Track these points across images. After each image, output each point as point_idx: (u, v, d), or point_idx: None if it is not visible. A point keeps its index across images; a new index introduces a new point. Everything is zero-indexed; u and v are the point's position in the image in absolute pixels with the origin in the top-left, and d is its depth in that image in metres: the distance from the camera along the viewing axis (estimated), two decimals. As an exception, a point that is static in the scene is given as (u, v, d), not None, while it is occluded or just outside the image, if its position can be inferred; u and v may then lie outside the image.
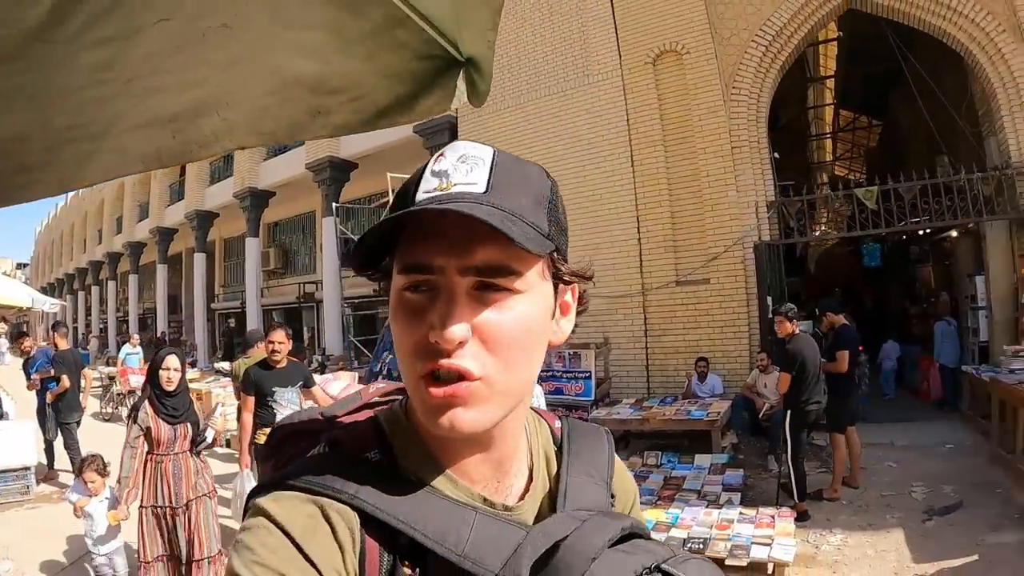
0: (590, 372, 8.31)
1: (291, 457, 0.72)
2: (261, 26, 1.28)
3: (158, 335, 21.04)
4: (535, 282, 0.64)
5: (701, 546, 4.85)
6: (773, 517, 5.24)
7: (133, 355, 12.56)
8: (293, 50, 1.37)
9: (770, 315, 7.48)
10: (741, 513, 5.42)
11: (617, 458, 0.85)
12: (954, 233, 9.48)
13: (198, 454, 4.36)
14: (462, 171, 0.63)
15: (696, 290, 8.60)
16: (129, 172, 1.52)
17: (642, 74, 9.24)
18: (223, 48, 1.31)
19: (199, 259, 19.20)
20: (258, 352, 6.51)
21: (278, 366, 5.01)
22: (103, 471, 4.31)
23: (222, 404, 5.42)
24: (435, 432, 0.64)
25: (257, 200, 15.98)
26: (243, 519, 0.64)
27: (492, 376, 0.62)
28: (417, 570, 0.62)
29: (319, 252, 15.22)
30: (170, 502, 4.12)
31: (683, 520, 5.30)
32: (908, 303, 11.71)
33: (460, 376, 0.60)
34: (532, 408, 0.81)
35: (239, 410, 5.43)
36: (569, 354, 8.47)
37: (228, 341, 19.85)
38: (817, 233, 9.54)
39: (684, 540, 4.94)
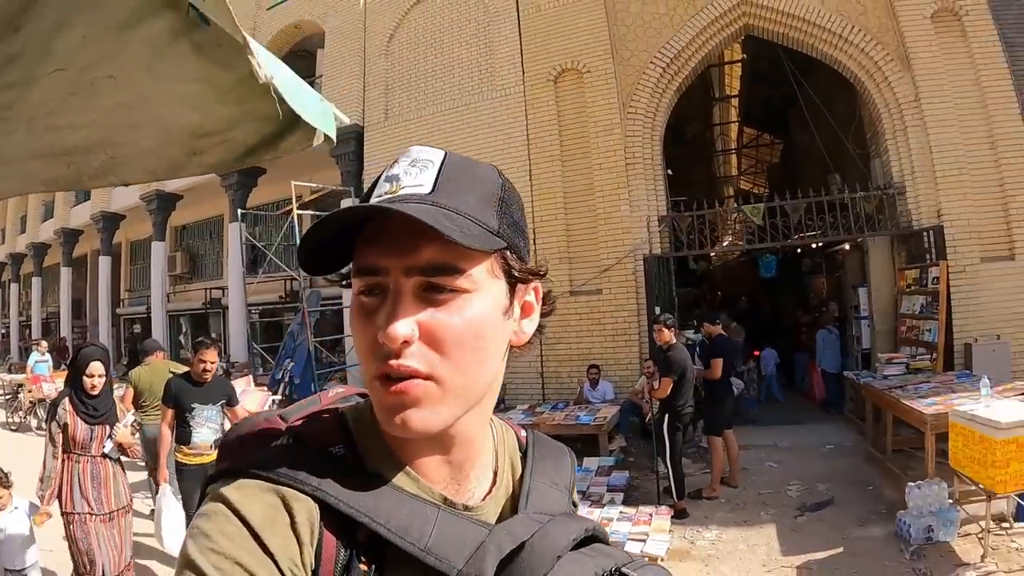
0: None
1: (250, 453, 0.71)
2: (143, 79, 1.45)
3: (61, 341, 20.12)
4: (484, 281, 0.65)
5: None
6: (651, 515, 5.58)
7: (42, 363, 12.07)
8: (174, 99, 1.55)
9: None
10: (621, 512, 5.75)
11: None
12: (847, 247, 10.08)
13: (117, 460, 4.23)
14: (412, 174, 0.65)
15: (589, 300, 8.92)
16: (33, 191, 1.84)
17: (544, 91, 9.56)
18: (110, 96, 1.49)
19: (104, 262, 18.47)
20: (156, 362, 6.49)
21: (204, 382, 4.88)
22: (6, 482, 4.08)
23: (132, 411, 5.35)
24: (389, 432, 0.65)
25: (164, 203, 15.55)
26: (198, 505, 0.64)
27: (443, 376, 0.63)
28: (373, 567, 0.62)
29: (226, 257, 14.95)
30: (90, 509, 3.97)
31: (567, 516, 5.55)
32: (801, 312, 12.41)
33: (409, 376, 0.62)
34: (498, 417, 0.83)
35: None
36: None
37: (132, 348, 19.15)
38: (716, 245, 10.00)
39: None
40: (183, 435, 4.82)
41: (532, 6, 9.97)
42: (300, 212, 10.60)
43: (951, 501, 5.30)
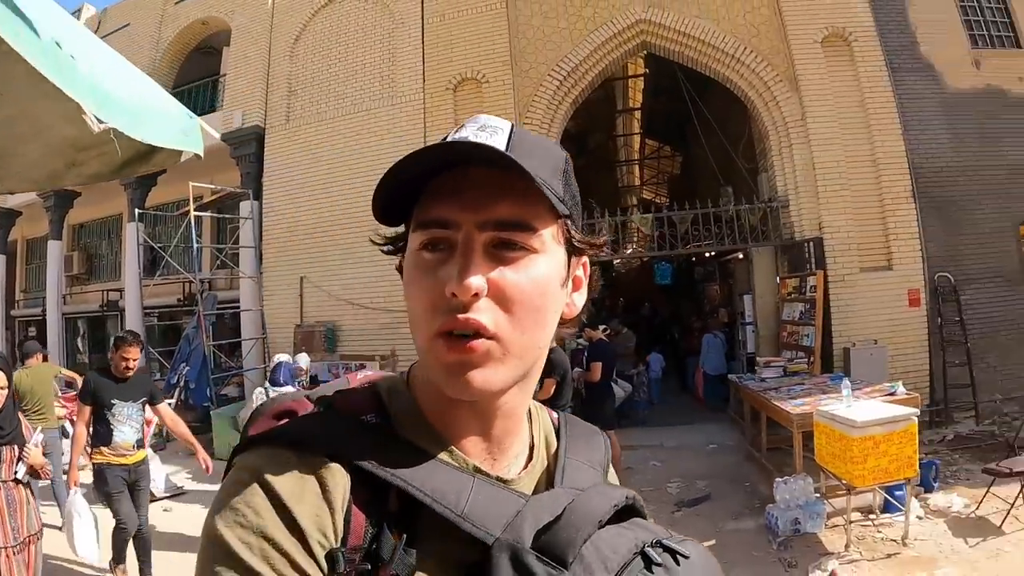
0: None
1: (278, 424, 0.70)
2: (27, 95, 1.52)
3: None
4: (550, 244, 0.66)
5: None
6: None
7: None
8: (56, 114, 1.63)
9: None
10: None
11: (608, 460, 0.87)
12: (740, 256, 10.50)
13: (27, 484, 3.83)
14: (482, 137, 0.64)
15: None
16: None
17: (443, 99, 9.69)
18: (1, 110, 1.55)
19: (-1, 261, 17.67)
20: (36, 364, 6.53)
21: (125, 378, 4.71)
22: None
23: (39, 430, 4.93)
24: (449, 393, 0.64)
25: (62, 200, 14.94)
26: (224, 476, 0.63)
27: (505, 335, 0.63)
28: (404, 536, 0.61)
29: (124, 258, 14.48)
30: (5, 541, 3.58)
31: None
32: (694, 318, 12.84)
33: (476, 332, 0.61)
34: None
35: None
36: (356, 365, 8.79)
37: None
38: (617, 253, 10.27)
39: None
40: (103, 434, 4.64)
41: (436, 14, 10.10)
42: (198, 214, 10.40)
43: (817, 495, 5.68)
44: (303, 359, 7.73)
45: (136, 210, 11.76)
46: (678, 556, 0.62)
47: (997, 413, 9.15)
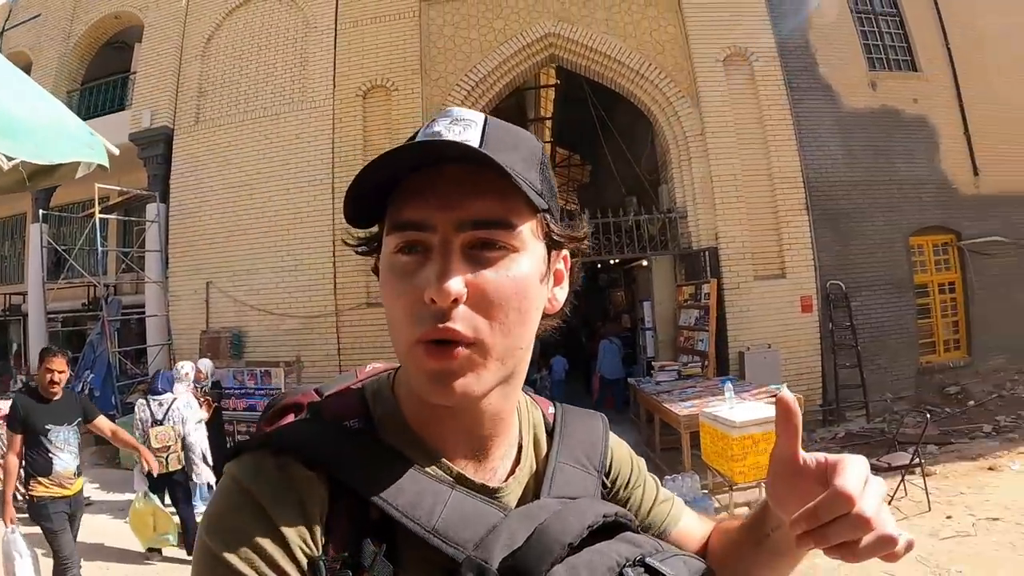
0: (280, 389, 8.60)
1: (271, 427, 0.73)
2: None
3: None
4: (530, 240, 0.66)
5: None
6: None
7: None
8: None
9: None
10: None
11: (614, 437, 0.87)
12: (644, 263, 10.97)
13: None
14: (455, 131, 0.64)
15: (384, 311, 9.14)
16: None
17: (352, 105, 9.85)
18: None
19: (-102, 262, 17.02)
20: None
21: (54, 399, 4.34)
22: None
23: None
24: (430, 400, 0.64)
25: (-38, 198, 14.55)
26: (216, 483, 0.76)
27: (487, 340, 0.62)
28: (384, 546, 0.61)
29: (27, 260, 14.18)
30: None
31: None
32: (599, 323, 13.32)
33: (455, 340, 0.61)
34: (526, 393, 0.82)
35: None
36: (261, 372, 8.87)
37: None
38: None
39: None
40: (41, 464, 4.26)
41: (349, 20, 10.26)
42: (104, 216, 10.31)
43: (705, 492, 6.12)
44: (204, 364, 7.85)
45: (40, 211, 11.54)
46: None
47: (888, 411, 9.87)
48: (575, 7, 9.93)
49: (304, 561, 0.59)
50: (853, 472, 0.62)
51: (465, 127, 0.65)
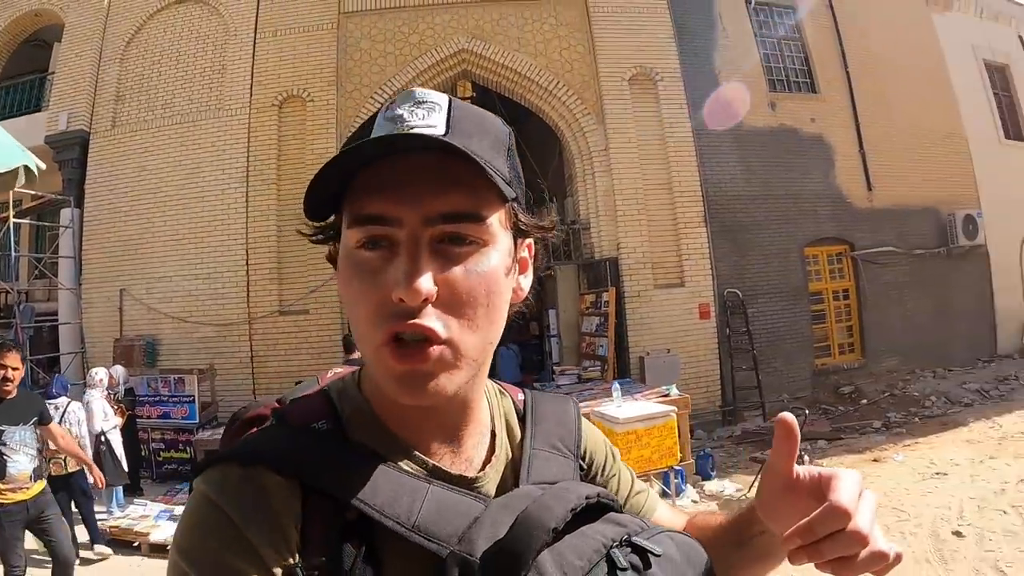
0: (194, 396, 8.98)
1: (236, 440, 0.72)
2: None
3: None
4: (498, 232, 0.65)
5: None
6: None
7: None
8: None
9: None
10: None
11: (586, 423, 0.86)
12: (551, 272, 11.58)
13: None
14: (418, 115, 0.63)
15: (297, 319, 9.63)
16: None
17: (268, 116, 10.16)
18: None
19: None
20: None
21: (7, 397, 4.19)
22: None
23: None
24: (401, 401, 0.63)
25: None
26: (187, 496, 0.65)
27: (458, 337, 0.62)
28: (363, 548, 0.61)
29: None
30: None
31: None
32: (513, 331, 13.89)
33: (426, 339, 0.60)
34: (493, 381, 0.81)
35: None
36: (175, 379, 9.10)
37: None
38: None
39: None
40: None
41: (269, 29, 10.56)
42: (17, 220, 10.36)
43: None
44: (117, 370, 8.04)
45: (-56, 212, 11.51)
46: (650, 555, 0.60)
47: (784, 410, 10.63)
48: (489, 24, 10.48)
49: (280, 573, 0.59)
50: (848, 487, 0.62)
51: (429, 110, 0.64)
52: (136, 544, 6.38)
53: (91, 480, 5.04)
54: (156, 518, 6.67)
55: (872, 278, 12.24)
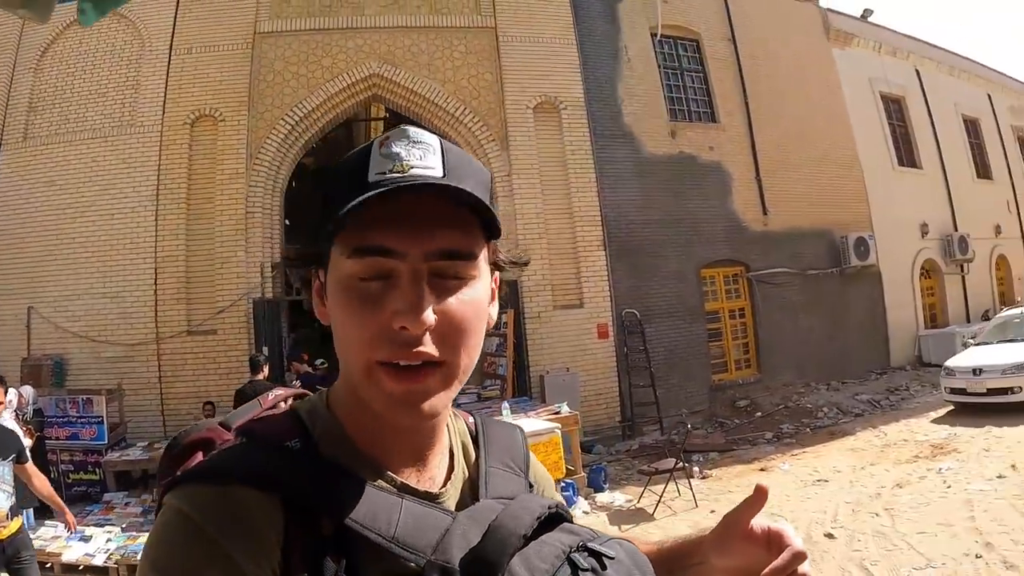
0: (103, 417, 8.97)
1: (199, 460, 0.72)
2: None
3: None
4: (483, 268, 0.72)
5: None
6: None
7: None
8: None
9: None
10: None
11: (530, 452, 0.91)
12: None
13: None
14: (415, 155, 0.68)
15: (205, 340, 9.86)
16: None
17: (180, 133, 10.38)
18: None
19: None
20: None
21: None
22: None
23: None
24: (394, 421, 0.69)
25: None
26: (155, 515, 0.66)
27: (451, 361, 0.68)
28: (343, 562, 0.64)
29: None
30: None
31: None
32: None
33: (423, 363, 0.66)
34: None
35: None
36: (83, 399, 9.09)
37: None
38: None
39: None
40: None
41: (184, 47, 10.75)
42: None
43: None
44: (26, 390, 8.20)
45: None
46: (604, 558, 0.66)
47: (682, 424, 11.41)
48: (400, 50, 10.99)
49: None
50: (796, 537, 0.76)
51: (424, 151, 0.69)
52: (49, 565, 6.43)
53: (65, 523, 4.74)
54: (68, 539, 6.66)
55: (767, 297, 13.20)
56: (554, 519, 0.70)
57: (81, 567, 6.58)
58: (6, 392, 4.55)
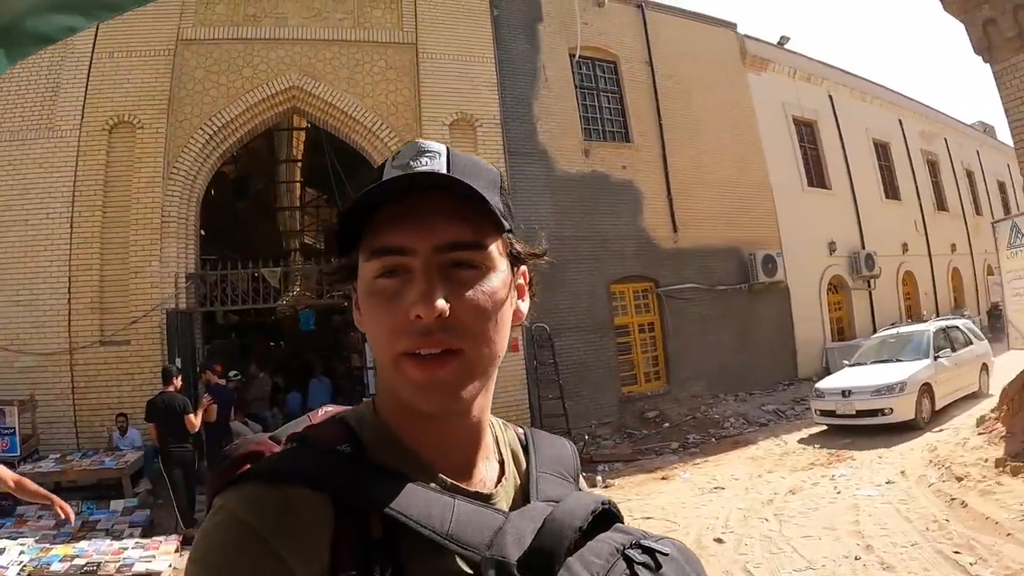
0: (15, 428, 8.93)
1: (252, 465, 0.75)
2: None
3: None
4: (497, 259, 0.76)
5: (96, 568, 6.50)
6: (161, 542, 7.13)
7: None
8: None
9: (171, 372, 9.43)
10: (137, 542, 7.21)
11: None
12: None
13: None
14: (423, 162, 0.74)
15: (119, 351, 9.94)
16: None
17: (98, 139, 10.46)
18: None
19: None
20: None
21: None
22: None
23: None
24: (419, 407, 0.73)
25: None
26: (207, 515, 0.69)
27: (468, 349, 0.72)
28: (392, 562, 0.67)
29: None
30: None
31: (86, 552, 6.83)
32: (337, 362, 14.95)
33: (442, 350, 0.70)
34: (495, 417, 0.90)
35: None
36: None
37: None
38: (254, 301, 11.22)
39: (82, 566, 6.56)
40: None
41: (105, 51, 10.81)
42: None
43: None
44: None
45: None
46: (658, 555, 0.69)
47: (592, 435, 12.11)
48: (321, 63, 11.42)
49: None
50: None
51: (431, 158, 0.75)
52: (-35, 578, 6.42)
53: (61, 516, 4.66)
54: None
55: (676, 312, 14.03)
56: (607, 517, 0.75)
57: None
58: None
